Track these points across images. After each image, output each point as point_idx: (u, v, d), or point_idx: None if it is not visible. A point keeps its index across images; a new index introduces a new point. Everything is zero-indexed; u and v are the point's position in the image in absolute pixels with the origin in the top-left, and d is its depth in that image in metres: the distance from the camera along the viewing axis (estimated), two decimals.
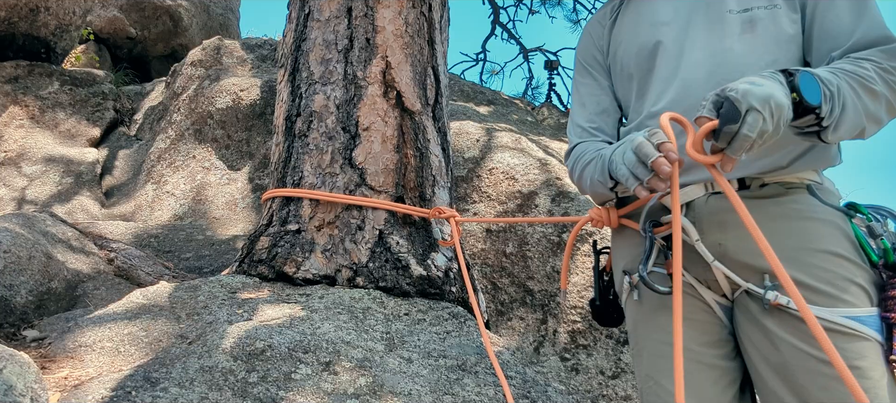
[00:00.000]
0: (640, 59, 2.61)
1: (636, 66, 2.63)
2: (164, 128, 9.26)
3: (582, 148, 2.77)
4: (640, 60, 2.61)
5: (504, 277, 6.10)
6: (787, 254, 2.17)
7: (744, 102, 1.87)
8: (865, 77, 2.11)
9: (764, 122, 1.88)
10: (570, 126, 2.93)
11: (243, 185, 8.27)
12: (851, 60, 2.17)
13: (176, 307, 4.01)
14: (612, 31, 2.82)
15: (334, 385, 3.24)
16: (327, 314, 3.92)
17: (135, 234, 6.86)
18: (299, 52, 5.11)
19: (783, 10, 2.34)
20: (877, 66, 2.14)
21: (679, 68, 2.46)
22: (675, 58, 2.50)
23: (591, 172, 2.58)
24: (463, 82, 11.87)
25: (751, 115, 1.87)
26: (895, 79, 2.14)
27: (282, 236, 4.59)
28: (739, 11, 2.39)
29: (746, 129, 1.88)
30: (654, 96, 2.54)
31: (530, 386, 3.71)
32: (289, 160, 4.86)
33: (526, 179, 6.50)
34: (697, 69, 2.42)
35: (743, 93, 1.88)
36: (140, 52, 14.14)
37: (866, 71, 2.12)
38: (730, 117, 1.90)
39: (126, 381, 3.01)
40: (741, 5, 2.39)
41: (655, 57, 2.56)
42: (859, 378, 2.03)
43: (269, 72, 9.68)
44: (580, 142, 2.80)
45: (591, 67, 2.88)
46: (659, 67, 2.54)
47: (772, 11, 2.35)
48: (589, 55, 2.88)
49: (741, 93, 1.89)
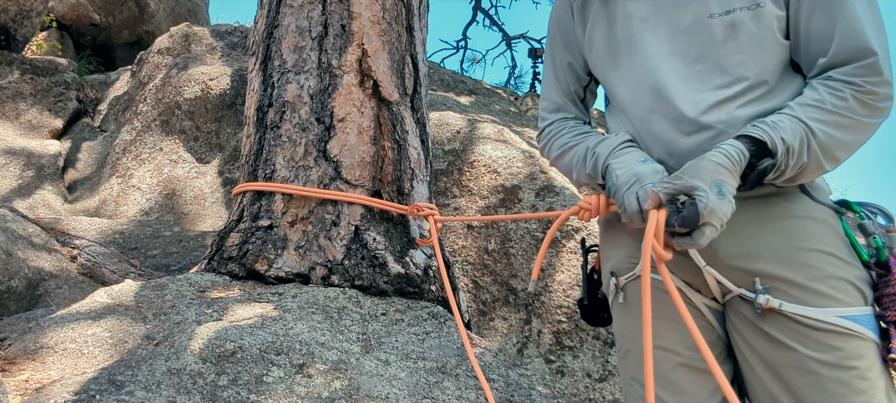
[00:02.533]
0: (611, 50, 2.60)
1: (608, 57, 2.62)
2: (130, 119, 9.22)
3: (559, 126, 2.85)
4: (611, 51, 2.60)
5: (486, 275, 6.10)
6: (779, 254, 2.20)
7: (705, 216, 2.03)
8: (841, 111, 2.15)
9: (714, 231, 2.06)
10: (543, 99, 2.99)
11: (213, 179, 8.25)
12: (829, 88, 2.18)
13: (142, 306, 3.99)
14: (584, 5, 2.78)
15: (308, 389, 3.23)
16: (301, 314, 3.91)
17: (99, 230, 6.83)
18: (271, 39, 5.09)
19: (768, 8, 2.31)
20: (855, 91, 2.14)
21: (654, 73, 2.44)
22: (650, 62, 2.47)
23: (577, 163, 2.65)
24: (443, 71, 11.87)
25: (708, 229, 2.05)
26: (873, 99, 2.15)
27: (253, 232, 4.57)
28: (721, 14, 2.33)
29: (700, 239, 2.06)
30: (629, 94, 2.54)
31: (513, 390, 3.72)
32: (260, 152, 4.85)
33: (509, 173, 6.50)
34: (677, 83, 2.39)
35: (708, 210, 2.02)
36: (104, 40, 14.07)
37: (843, 102, 2.15)
38: (689, 222, 2.05)
39: (90, 384, 3.00)
40: (723, 7, 2.34)
41: (631, 54, 2.53)
42: (857, 379, 2.06)
43: (239, 60, 9.66)
44: (556, 119, 2.89)
45: (566, 39, 2.87)
46: (635, 68, 2.51)
47: (755, 12, 2.30)
48: (564, 28, 2.86)
49: (707, 208, 2.02)
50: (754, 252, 2.24)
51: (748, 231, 2.26)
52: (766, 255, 2.22)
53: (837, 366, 2.08)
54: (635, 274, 2.49)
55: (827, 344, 2.10)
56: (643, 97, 2.46)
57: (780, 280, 2.19)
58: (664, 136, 2.38)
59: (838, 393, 2.06)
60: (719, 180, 2.06)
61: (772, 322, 2.20)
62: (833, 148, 2.14)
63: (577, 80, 2.87)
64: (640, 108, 2.47)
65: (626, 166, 2.36)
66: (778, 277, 2.19)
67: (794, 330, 2.15)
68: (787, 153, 2.10)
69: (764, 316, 2.22)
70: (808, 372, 2.12)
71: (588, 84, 2.88)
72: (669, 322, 2.37)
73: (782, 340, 2.17)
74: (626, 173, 2.34)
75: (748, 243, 2.26)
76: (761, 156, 2.10)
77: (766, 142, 2.11)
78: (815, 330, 2.12)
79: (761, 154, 2.11)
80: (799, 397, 2.14)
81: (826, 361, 2.09)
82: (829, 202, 2.32)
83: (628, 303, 2.53)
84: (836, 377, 2.07)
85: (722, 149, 2.12)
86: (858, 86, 2.14)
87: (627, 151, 2.42)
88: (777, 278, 2.20)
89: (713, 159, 2.10)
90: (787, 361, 2.17)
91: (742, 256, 2.26)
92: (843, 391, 2.06)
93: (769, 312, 2.20)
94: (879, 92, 2.14)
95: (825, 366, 2.08)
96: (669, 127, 2.36)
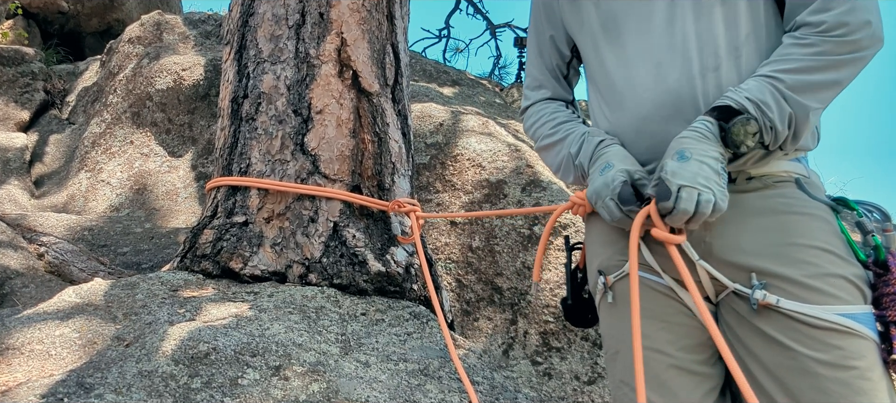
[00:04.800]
0: (596, 25, 2.62)
1: (592, 32, 2.64)
2: (100, 111, 9.19)
3: (540, 109, 2.90)
4: (597, 26, 2.62)
5: (470, 273, 6.10)
6: (775, 250, 2.20)
7: (673, 183, 2.13)
8: (810, 57, 2.18)
9: (700, 194, 2.10)
10: (527, 76, 3.04)
11: (185, 173, 8.23)
12: (795, 38, 2.23)
13: (112, 306, 3.98)
14: None
15: (285, 392, 3.23)
16: (277, 314, 3.91)
17: (67, 227, 6.80)
18: (246, 27, 5.07)
19: None
20: (820, 33, 2.17)
21: (640, 51, 2.47)
22: (636, 37, 2.49)
23: (561, 168, 2.74)
24: (425, 61, 11.88)
25: (684, 192, 2.11)
26: (845, 32, 2.16)
27: (227, 229, 4.56)
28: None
29: (683, 205, 2.11)
30: (615, 72, 2.55)
31: (499, 393, 3.72)
32: (235, 146, 4.83)
33: (494, 166, 6.51)
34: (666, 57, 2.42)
35: (671, 173, 2.14)
36: (73, 28, 14.01)
37: (810, 48, 2.18)
38: (662, 195, 2.15)
39: (58, 387, 2.99)
40: None
41: (617, 30, 2.55)
42: (858, 380, 2.05)
43: (213, 49, 9.63)
44: (538, 99, 2.95)
45: (550, 15, 2.88)
46: (623, 42, 2.53)
47: None
48: (549, 4, 2.88)
49: (669, 172, 2.14)
50: (750, 247, 2.24)
51: (743, 225, 2.26)
52: (763, 251, 2.22)
53: (837, 366, 2.06)
54: (624, 271, 2.49)
55: (826, 343, 2.09)
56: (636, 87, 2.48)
57: (776, 276, 2.18)
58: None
59: (838, 395, 2.04)
60: (680, 148, 2.15)
61: (768, 319, 2.19)
62: (810, 89, 2.17)
63: (559, 56, 2.90)
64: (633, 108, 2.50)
65: (599, 175, 2.43)
66: (775, 273, 2.18)
67: (792, 329, 2.14)
68: (759, 108, 2.14)
69: (760, 314, 2.21)
70: (806, 373, 2.10)
71: (570, 60, 2.91)
72: (660, 322, 2.37)
73: (779, 339, 2.16)
74: (599, 183, 2.41)
75: (744, 238, 2.25)
76: (729, 119, 2.16)
77: (730, 104, 2.18)
78: (813, 329, 2.10)
79: (728, 117, 2.17)
80: (797, 399, 2.12)
81: (825, 361, 2.07)
82: (826, 199, 2.32)
83: (617, 303, 2.52)
84: (836, 377, 2.05)
85: (688, 127, 2.22)
86: (823, 23, 2.17)
87: (602, 155, 2.48)
88: (774, 274, 2.19)
89: (677, 136, 2.22)
90: (784, 361, 2.15)
91: (737, 251, 2.26)
92: (843, 392, 2.04)
93: (765, 309, 2.19)
94: (849, 21, 2.15)
95: (824, 366, 2.07)
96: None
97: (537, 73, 2.94)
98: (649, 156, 2.42)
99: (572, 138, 2.68)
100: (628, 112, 2.48)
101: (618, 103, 2.53)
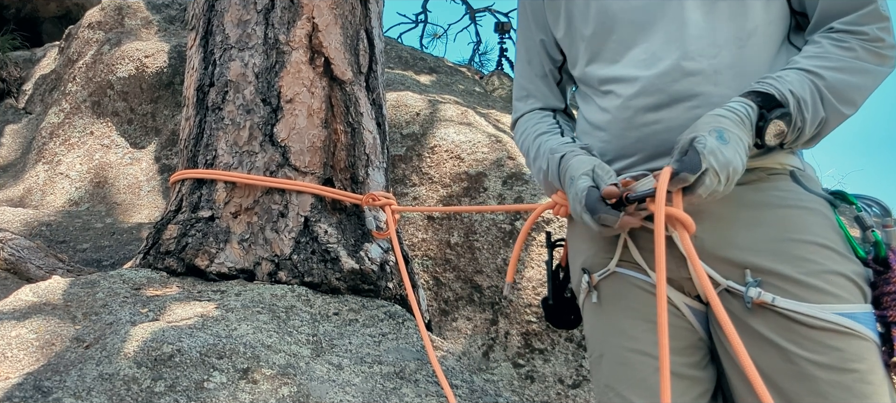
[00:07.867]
0: (593, 24, 2.60)
1: (589, 33, 2.62)
2: (58, 100, 9.13)
3: (526, 122, 2.90)
4: (595, 26, 2.60)
5: (448, 271, 6.11)
6: (771, 246, 2.19)
7: (706, 162, 2.04)
8: (850, 60, 2.20)
9: (718, 184, 2.06)
10: (515, 87, 3.03)
11: (148, 166, 8.20)
12: (833, 40, 2.24)
13: (71, 306, 3.96)
14: None
15: (253, 396, 3.22)
16: (245, 313, 3.90)
17: (24, 222, 6.78)
18: (213, 12, 5.05)
19: None
20: (862, 40, 2.20)
21: (644, 40, 2.46)
22: (638, 29, 2.49)
23: (542, 177, 2.73)
24: (401, 47, 11.87)
25: (708, 176, 2.05)
26: (880, 47, 2.21)
27: (193, 224, 4.55)
28: None
29: (701, 190, 2.06)
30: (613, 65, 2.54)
31: (479, 397, 3.73)
32: (201, 137, 4.82)
33: (473, 158, 6.51)
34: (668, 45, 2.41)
35: (709, 151, 2.04)
36: (30, 13, 13.94)
37: (851, 52, 2.21)
38: (692, 166, 2.06)
39: (14, 391, 2.97)
40: None
41: (614, 27, 2.54)
42: (859, 383, 2.03)
43: (178, 35, 9.59)
44: (525, 111, 2.94)
45: (538, 18, 2.87)
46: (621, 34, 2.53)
47: None
48: (538, 5, 2.87)
49: (708, 149, 2.04)
50: (744, 242, 2.23)
51: (737, 220, 2.26)
52: (758, 247, 2.21)
53: (836, 369, 2.05)
54: (609, 270, 2.49)
55: (824, 344, 2.07)
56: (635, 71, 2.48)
57: (772, 274, 2.17)
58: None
59: (838, 399, 2.03)
60: (719, 127, 2.08)
61: (762, 319, 2.17)
62: (847, 91, 2.18)
63: (551, 61, 2.88)
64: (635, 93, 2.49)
65: (570, 192, 2.44)
66: (770, 271, 2.17)
67: (788, 329, 2.12)
68: (798, 105, 2.13)
69: (754, 313, 2.19)
70: (802, 376, 2.09)
71: (562, 64, 2.89)
72: (648, 323, 2.35)
73: (774, 340, 2.14)
74: (572, 201, 2.43)
75: (737, 233, 2.24)
76: (771, 109, 2.13)
77: (773, 94, 2.14)
78: (810, 329, 2.09)
79: (770, 106, 2.13)
80: (793, 401, 2.10)
81: (823, 363, 2.05)
82: (822, 192, 2.32)
83: (603, 303, 2.52)
84: (834, 380, 2.04)
85: (725, 105, 2.17)
86: (865, 34, 2.20)
87: (566, 171, 2.51)
88: (769, 271, 2.17)
89: (713, 112, 2.15)
90: (779, 364, 2.13)
91: (731, 247, 2.25)
92: (843, 396, 2.02)
93: (760, 308, 2.18)
94: (885, 38, 2.20)
95: (822, 369, 2.05)
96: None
97: (525, 83, 2.93)
98: (637, 147, 2.41)
99: (543, 154, 2.69)
100: (618, 102, 2.47)
101: (606, 93, 2.53)
